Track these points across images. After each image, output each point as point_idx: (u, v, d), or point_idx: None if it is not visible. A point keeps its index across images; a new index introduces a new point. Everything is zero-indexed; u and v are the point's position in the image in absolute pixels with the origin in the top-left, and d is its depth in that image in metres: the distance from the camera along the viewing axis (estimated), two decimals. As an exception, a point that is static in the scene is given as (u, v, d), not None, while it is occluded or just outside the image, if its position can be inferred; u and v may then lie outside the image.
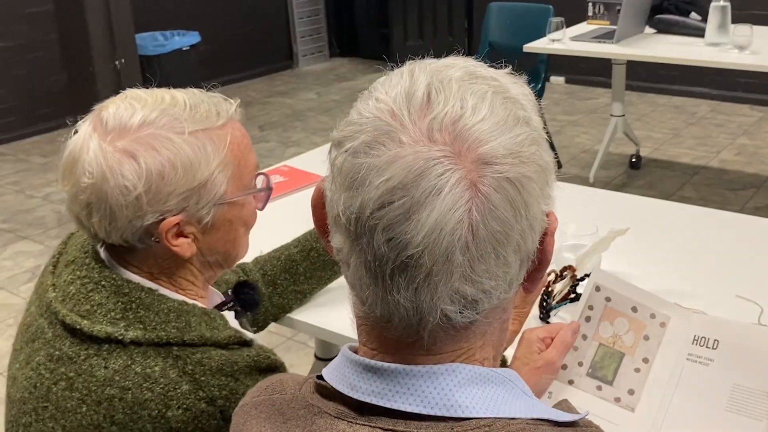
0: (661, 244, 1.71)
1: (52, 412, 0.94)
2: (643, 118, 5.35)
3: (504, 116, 0.65)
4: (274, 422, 0.72)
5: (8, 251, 3.86)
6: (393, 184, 0.61)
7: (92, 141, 0.95)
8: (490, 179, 0.62)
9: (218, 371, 0.95)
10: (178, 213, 0.96)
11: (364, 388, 0.67)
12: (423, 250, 0.61)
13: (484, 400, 0.66)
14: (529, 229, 0.65)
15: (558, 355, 1.14)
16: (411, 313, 0.64)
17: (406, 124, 0.63)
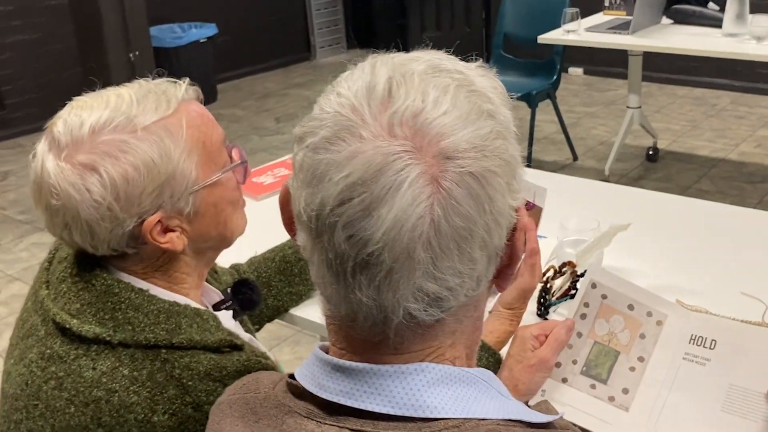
0: (668, 240, 1.68)
1: (42, 411, 0.94)
2: (662, 110, 5.29)
3: (467, 109, 0.63)
4: (247, 421, 0.72)
5: (25, 242, 3.90)
6: (353, 180, 0.60)
7: (48, 162, 0.93)
8: (452, 174, 0.61)
9: (206, 376, 0.94)
10: (155, 211, 0.95)
11: (333, 387, 0.66)
12: (383, 247, 0.60)
13: (454, 401, 0.65)
14: (495, 225, 0.64)
15: (552, 353, 1.13)
16: (375, 312, 0.63)
17: (367, 119, 0.62)
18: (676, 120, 5.09)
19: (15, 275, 3.58)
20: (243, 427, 0.72)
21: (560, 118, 4.45)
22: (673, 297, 1.38)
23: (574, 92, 5.80)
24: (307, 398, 0.69)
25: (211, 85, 5.90)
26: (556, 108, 4.40)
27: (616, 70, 5.74)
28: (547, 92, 4.29)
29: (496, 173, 0.63)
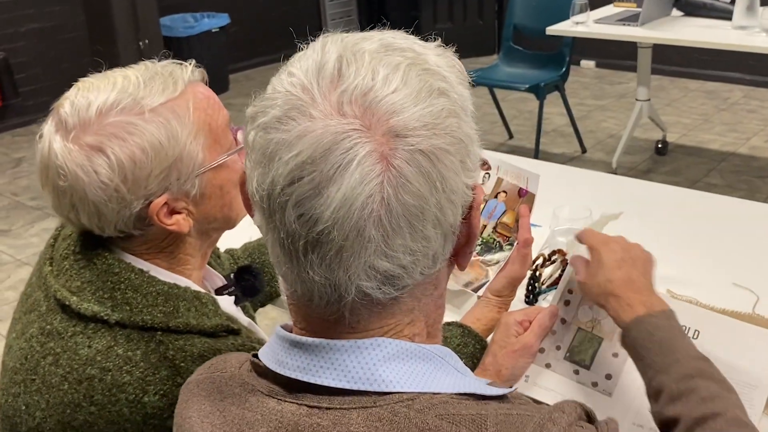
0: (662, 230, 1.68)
1: (39, 386, 0.95)
2: (673, 103, 5.26)
3: (418, 87, 0.63)
4: (213, 400, 0.73)
5: (35, 228, 3.94)
6: (302, 159, 0.60)
7: (56, 143, 0.93)
8: (402, 152, 0.61)
9: (199, 358, 0.94)
10: (162, 193, 0.95)
11: (291, 363, 0.67)
12: (333, 225, 0.60)
13: (409, 375, 0.65)
14: (448, 203, 0.64)
15: (535, 339, 1.13)
16: (329, 291, 0.64)
17: (317, 98, 0.62)
18: (687, 113, 5.05)
19: (25, 260, 3.63)
20: (209, 405, 0.73)
21: (569, 110, 4.44)
22: (663, 286, 1.38)
23: (585, 85, 5.77)
24: (270, 377, 0.70)
25: (223, 75, 5.93)
26: (564, 100, 4.39)
27: (628, 63, 5.71)
28: (556, 84, 4.27)
29: (447, 151, 0.63)
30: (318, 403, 0.65)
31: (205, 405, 0.74)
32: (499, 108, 4.76)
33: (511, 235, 1.37)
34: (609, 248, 1.07)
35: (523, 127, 4.96)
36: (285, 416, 0.66)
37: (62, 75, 5.43)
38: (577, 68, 6.11)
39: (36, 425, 0.94)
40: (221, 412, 0.71)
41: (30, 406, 0.95)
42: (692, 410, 0.86)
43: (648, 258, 1.09)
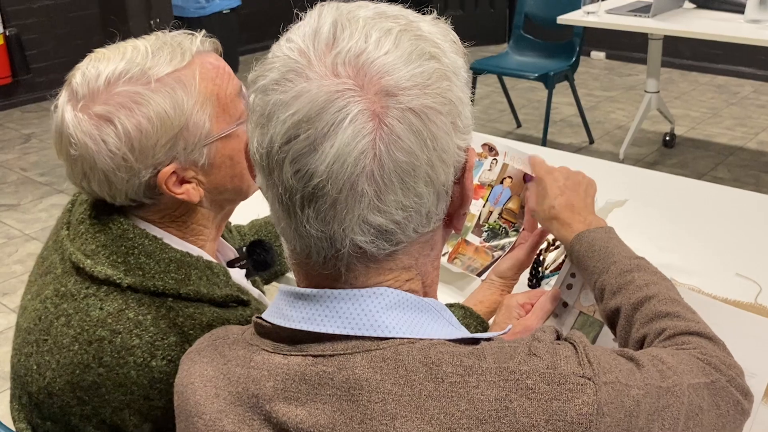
0: (668, 220, 1.69)
1: (50, 346, 0.96)
2: (682, 96, 5.25)
3: (410, 50, 0.66)
4: (216, 365, 0.75)
5: (44, 203, 3.97)
6: (298, 117, 0.64)
7: (67, 113, 0.95)
8: (393, 110, 0.64)
9: (208, 327, 0.95)
10: (170, 162, 0.96)
11: (295, 316, 0.70)
12: (327, 179, 0.64)
13: (408, 324, 0.69)
14: (440, 162, 0.67)
15: (537, 322, 1.15)
16: (325, 245, 0.67)
17: (312, 61, 0.65)
18: (696, 107, 5.05)
19: (33, 235, 3.65)
20: (212, 370, 0.75)
21: (578, 100, 4.44)
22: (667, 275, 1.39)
23: (595, 76, 5.76)
24: (273, 336, 0.72)
25: (234, 57, 5.93)
26: (573, 90, 4.38)
27: (639, 55, 5.70)
28: (566, 74, 4.27)
29: (438, 111, 0.66)
30: (322, 352, 0.68)
31: (207, 370, 0.76)
32: (508, 96, 4.76)
33: (516, 221, 1.38)
34: (552, 177, 1.18)
35: (532, 116, 4.96)
36: (291, 368, 0.69)
37: (73, 52, 5.44)
38: (587, 59, 6.10)
39: (46, 384, 0.96)
40: (225, 375, 0.74)
41: (41, 365, 0.97)
42: (630, 297, 0.95)
43: (590, 183, 1.19)
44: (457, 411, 0.64)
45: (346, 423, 0.66)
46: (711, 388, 0.78)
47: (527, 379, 0.65)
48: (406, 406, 0.65)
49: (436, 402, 0.64)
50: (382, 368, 0.66)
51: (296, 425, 0.67)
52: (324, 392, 0.67)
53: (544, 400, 0.65)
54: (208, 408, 0.74)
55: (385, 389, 0.65)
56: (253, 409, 0.71)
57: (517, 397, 0.65)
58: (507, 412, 0.64)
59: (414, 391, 0.65)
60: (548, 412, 0.64)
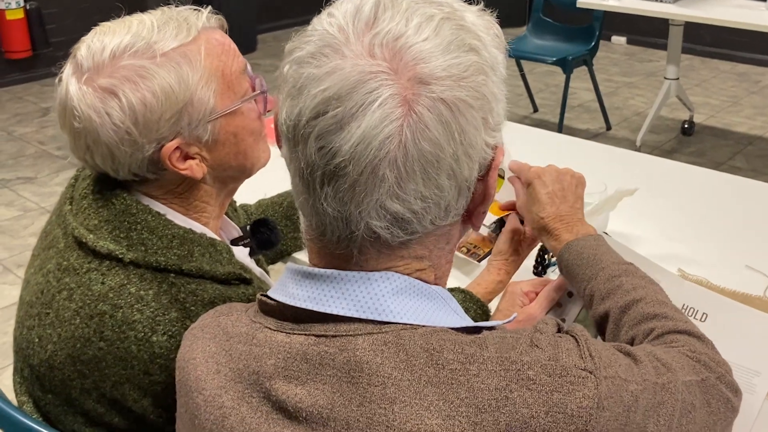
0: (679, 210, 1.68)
1: (52, 319, 0.97)
2: (703, 83, 5.19)
3: (450, 40, 0.65)
4: (219, 341, 0.76)
5: (60, 177, 4.00)
6: (329, 94, 0.63)
7: (72, 85, 0.95)
8: (424, 99, 0.63)
9: (209, 303, 0.95)
10: (173, 137, 0.96)
11: (301, 294, 0.70)
12: (349, 159, 0.63)
13: (414, 310, 0.69)
14: (465, 156, 0.66)
15: (540, 310, 1.14)
16: (340, 225, 0.67)
17: (350, 38, 0.65)
18: (716, 95, 4.99)
19: (48, 208, 3.68)
20: (214, 346, 0.76)
21: (596, 85, 4.40)
22: (675, 265, 1.39)
23: (615, 61, 5.71)
24: (277, 314, 0.73)
25: (251, 35, 5.92)
26: (592, 75, 4.34)
27: (660, 40, 5.63)
28: (584, 59, 4.23)
29: (470, 105, 0.65)
30: (325, 332, 0.68)
31: (210, 346, 0.76)
32: (525, 80, 4.72)
33: None
34: (541, 182, 1.16)
35: (549, 101, 4.93)
36: (293, 347, 0.69)
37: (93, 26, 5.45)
38: (607, 44, 6.04)
39: (47, 357, 0.97)
40: (227, 351, 0.74)
41: (42, 338, 0.98)
42: (618, 301, 0.95)
43: (579, 181, 1.18)
44: (457, 398, 0.64)
45: (344, 405, 0.66)
46: (702, 385, 0.78)
47: (528, 370, 0.65)
48: (405, 391, 0.65)
49: (435, 388, 0.64)
50: (384, 352, 0.66)
51: (295, 404, 0.68)
52: (324, 373, 0.67)
53: (544, 392, 0.64)
54: (208, 384, 0.74)
55: (385, 373, 0.65)
56: (253, 386, 0.71)
57: (517, 387, 0.64)
58: (507, 401, 0.64)
59: (414, 377, 0.65)
60: (548, 404, 0.64)
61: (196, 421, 0.75)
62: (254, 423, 0.70)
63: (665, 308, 0.93)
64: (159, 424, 0.96)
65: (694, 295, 1.16)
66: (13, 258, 3.24)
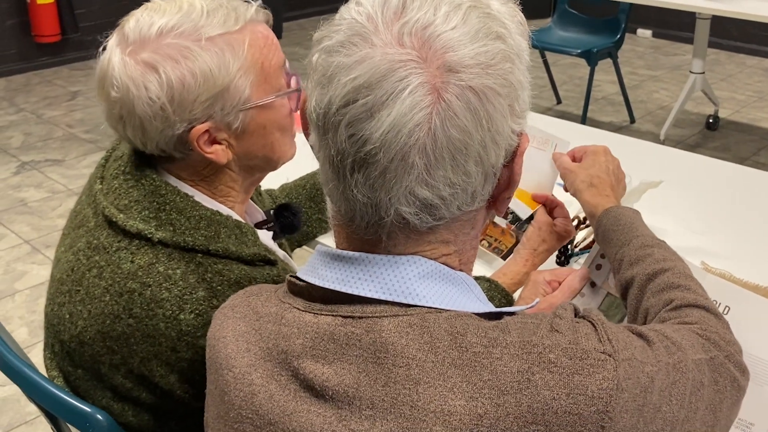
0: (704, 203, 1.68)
1: (83, 296, 0.99)
2: (728, 78, 5.15)
3: (477, 28, 0.67)
4: (249, 320, 0.78)
5: (87, 160, 4.05)
6: (359, 83, 0.65)
7: (115, 55, 0.97)
8: (453, 86, 0.65)
9: (236, 283, 0.97)
10: (205, 120, 0.98)
11: (330, 276, 0.72)
12: (380, 147, 0.65)
13: (440, 294, 0.70)
14: (492, 143, 0.67)
15: (563, 299, 1.15)
16: (370, 211, 0.68)
17: (379, 27, 0.66)
18: (741, 89, 4.95)
19: (76, 190, 3.74)
20: (244, 325, 0.78)
21: (620, 78, 4.38)
22: (698, 258, 1.39)
23: (640, 54, 5.67)
24: (305, 295, 0.74)
25: (277, 23, 5.91)
26: (617, 68, 4.33)
27: (686, 34, 5.59)
28: (609, 51, 4.21)
29: (498, 92, 0.66)
30: (351, 313, 0.70)
31: (240, 325, 0.78)
32: (549, 72, 4.71)
33: None
34: (607, 158, 1.24)
35: (573, 93, 4.91)
36: (321, 327, 0.71)
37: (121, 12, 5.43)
38: (633, 37, 6.01)
39: (77, 333, 1.00)
40: (257, 331, 0.76)
41: (73, 315, 1.00)
42: (646, 269, 0.97)
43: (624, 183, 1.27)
44: (480, 380, 0.65)
45: (370, 385, 0.67)
46: (710, 364, 0.79)
47: (550, 353, 0.66)
48: (429, 373, 0.66)
49: (459, 370, 0.65)
50: (408, 333, 0.67)
51: (322, 383, 0.69)
52: (351, 353, 0.69)
53: (566, 374, 0.65)
54: (238, 362, 0.76)
55: (410, 354, 0.66)
56: (282, 364, 0.72)
57: (539, 370, 0.65)
58: (529, 384, 0.64)
59: (438, 358, 0.66)
60: (569, 386, 0.65)
61: (226, 398, 0.76)
62: (282, 400, 0.71)
63: (690, 281, 0.95)
64: (186, 399, 0.99)
65: (716, 287, 1.17)
66: (41, 238, 3.30)
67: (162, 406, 1.01)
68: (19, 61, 5.31)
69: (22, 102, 4.82)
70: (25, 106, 4.75)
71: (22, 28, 5.25)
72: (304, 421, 0.70)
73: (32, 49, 5.34)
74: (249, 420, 0.74)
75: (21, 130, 4.40)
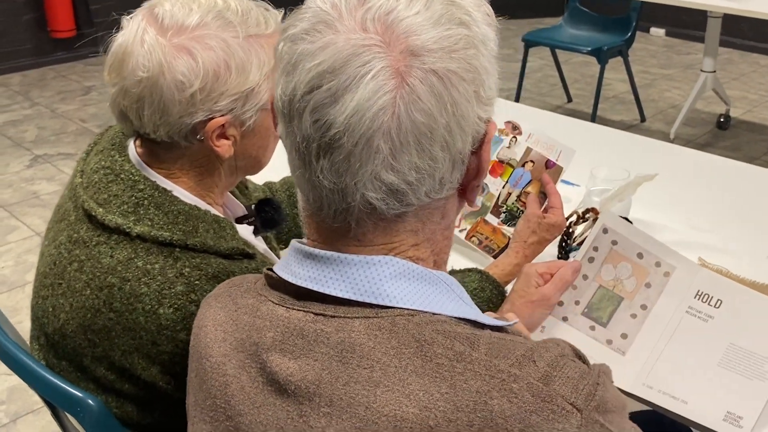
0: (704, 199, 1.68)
1: (64, 290, 1.00)
2: (741, 77, 5.12)
3: (440, 13, 0.67)
4: (228, 310, 0.79)
5: (99, 155, 4.08)
6: (323, 68, 0.65)
7: (148, 35, 0.96)
8: (416, 71, 0.65)
9: (213, 278, 0.97)
10: (225, 114, 0.98)
11: (303, 274, 0.72)
12: (344, 131, 0.65)
13: (413, 294, 0.70)
14: (458, 128, 0.67)
15: (555, 291, 1.16)
16: (336, 198, 0.68)
17: (343, 14, 0.67)
18: (754, 89, 4.92)
19: (87, 185, 3.77)
20: (224, 315, 0.79)
21: (631, 77, 4.36)
22: (696, 253, 1.39)
23: (653, 53, 5.64)
24: (281, 289, 0.75)
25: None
26: (627, 66, 4.31)
27: (700, 33, 5.52)
28: (620, 49, 4.19)
29: (461, 77, 0.67)
30: (323, 311, 0.70)
31: (220, 315, 0.79)
32: (560, 70, 4.70)
33: None
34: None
35: (583, 91, 4.90)
36: (292, 322, 0.71)
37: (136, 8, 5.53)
38: (646, 35, 5.98)
39: (60, 326, 1.01)
40: (234, 321, 0.77)
41: (56, 308, 1.01)
42: None
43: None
44: (437, 392, 0.64)
45: (331, 383, 0.67)
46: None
47: (513, 383, 0.64)
48: (390, 377, 0.65)
49: (419, 379, 0.65)
50: (377, 336, 0.67)
51: (286, 377, 0.69)
52: (318, 350, 0.69)
53: (524, 410, 0.63)
54: (215, 351, 0.76)
55: (375, 357, 0.66)
56: (253, 356, 0.73)
57: (498, 395, 0.63)
58: (485, 407, 0.63)
59: (401, 364, 0.65)
60: (525, 422, 0.62)
61: (204, 386, 0.77)
62: (252, 392, 0.72)
63: None
64: (168, 390, 1.00)
65: (709, 282, 1.17)
66: (52, 231, 3.33)
67: (145, 398, 1.02)
68: (34, 56, 5.36)
69: (37, 96, 4.87)
70: (40, 101, 4.80)
71: (38, 23, 5.31)
72: (270, 414, 0.70)
73: (47, 44, 5.39)
74: (222, 409, 0.74)
75: (35, 124, 4.45)
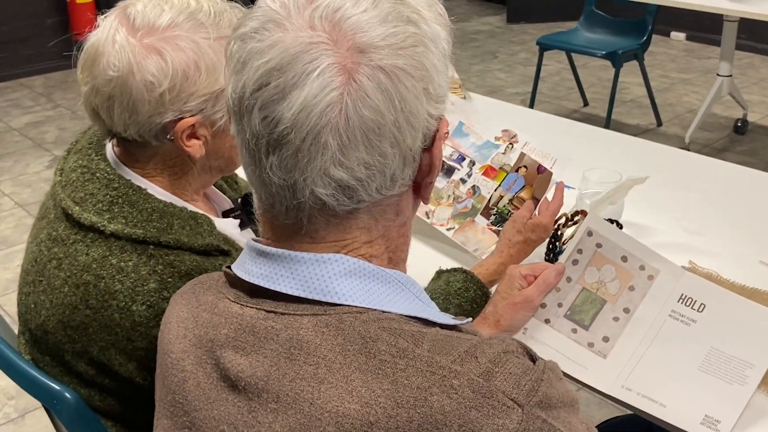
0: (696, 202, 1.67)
1: (45, 287, 1.02)
2: (761, 82, 5.05)
3: (387, 11, 0.68)
4: (191, 307, 0.80)
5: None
6: (271, 66, 0.66)
7: (119, 35, 0.97)
8: (364, 67, 0.66)
9: (186, 275, 0.98)
10: (195, 114, 0.99)
11: (255, 271, 0.73)
12: (292, 127, 0.66)
13: (363, 292, 0.70)
14: (407, 125, 0.68)
15: (538, 293, 1.16)
16: (287, 194, 0.69)
17: (292, 13, 0.68)
18: (774, 94, 4.86)
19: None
20: (187, 312, 0.80)
21: (647, 80, 4.33)
22: (686, 257, 1.39)
23: (672, 57, 5.59)
24: (238, 286, 0.76)
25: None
26: (643, 70, 4.27)
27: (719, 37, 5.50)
28: (635, 53, 4.16)
29: (409, 74, 0.67)
30: (274, 309, 0.71)
31: (183, 311, 0.81)
32: (576, 74, 4.68)
33: None
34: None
35: (600, 95, 4.87)
36: (245, 319, 0.73)
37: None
38: (666, 39, 5.93)
39: (42, 322, 1.03)
40: (194, 318, 0.78)
41: (37, 304, 1.04)
42: None
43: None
44: (379, 388, 0.65)
45: (278, 379, 0.68)
46: None
47: (454, 379, 0.64)
48: (335, 374, 0.66)
49: (362, 375, 0.66)
50: (324, 333, 0.68)
51: (237, 373, 0.71)
52: (268, 346, 0.70)
53: (463, 406, 0.63)
54: (176, 347, 0.78)
55: (321, 354, 0.67)
56: (209, 353, 0.74)
57: (438, 392, 0.64)
58: (425, 403, 0.63)
59: (346, 361, 0.66)
60: (463, 418, 0.63)
61: (165, 381, 0.79)
62: (207, 388, 0.73)
63: None
64: (146, 385, 1.01)
65: (692, 286, 1.17)
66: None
67: (125, 392, 1.03)
68: (57, 59, 5.45)
69: (59, 98, 4.95)
70: (62, 102, 4.87)
71: (61, 26, 5.40)
72: (223, 410, 0.71)
73: (70, 46, 5.46)
74: (180, 404, 0.76)
75: (56, 126, 4.52)
